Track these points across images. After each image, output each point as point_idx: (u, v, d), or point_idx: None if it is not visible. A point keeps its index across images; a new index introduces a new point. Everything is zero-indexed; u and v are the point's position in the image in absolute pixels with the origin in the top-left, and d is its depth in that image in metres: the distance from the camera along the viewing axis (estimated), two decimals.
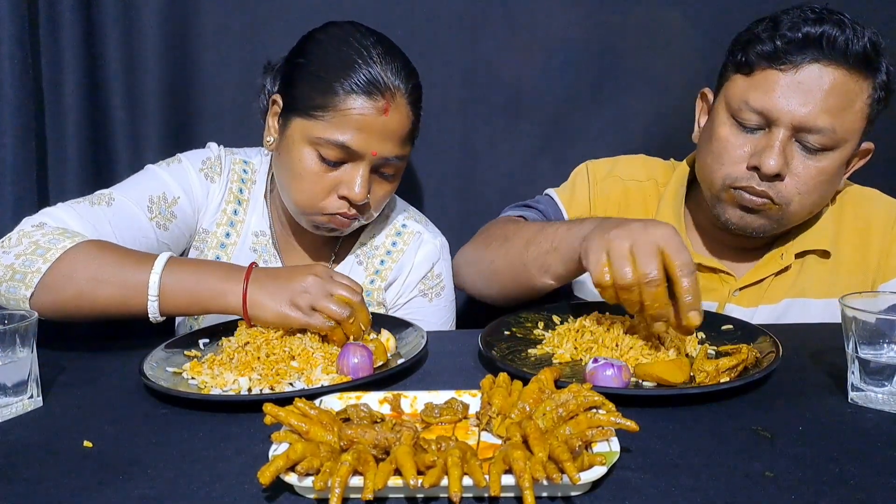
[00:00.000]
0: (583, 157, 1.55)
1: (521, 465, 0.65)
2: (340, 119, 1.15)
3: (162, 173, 1.28)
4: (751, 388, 0.91)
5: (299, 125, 1.18)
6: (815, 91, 1.13)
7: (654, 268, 0.93)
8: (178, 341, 1.10)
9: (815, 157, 1.17)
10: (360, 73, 1.15)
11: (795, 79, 1.14)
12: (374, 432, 0.71)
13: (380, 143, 1.17)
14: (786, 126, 1.15)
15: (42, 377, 0.93)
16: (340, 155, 1.17)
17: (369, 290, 1.34)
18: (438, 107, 1.59)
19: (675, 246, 0.94)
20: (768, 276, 1.28)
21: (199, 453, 0.78)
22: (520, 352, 1.05)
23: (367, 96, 1.15)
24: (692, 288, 0.94)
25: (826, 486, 0.68)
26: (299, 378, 0.96)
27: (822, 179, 1.18)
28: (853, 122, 1.16)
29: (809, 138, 1.15)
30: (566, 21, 1.59)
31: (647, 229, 0.96)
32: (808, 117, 1.13)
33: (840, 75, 1.13)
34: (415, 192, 1.63)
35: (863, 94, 1.15)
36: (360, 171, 1.18)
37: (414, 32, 1.55)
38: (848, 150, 1.18)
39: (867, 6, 1.53)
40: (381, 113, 1.15)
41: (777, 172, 1.15)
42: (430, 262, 1.35)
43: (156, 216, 1.24)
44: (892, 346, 0.85)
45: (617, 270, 0.95)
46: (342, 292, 1.02)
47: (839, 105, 1.14)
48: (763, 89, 1.16)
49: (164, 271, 1.04)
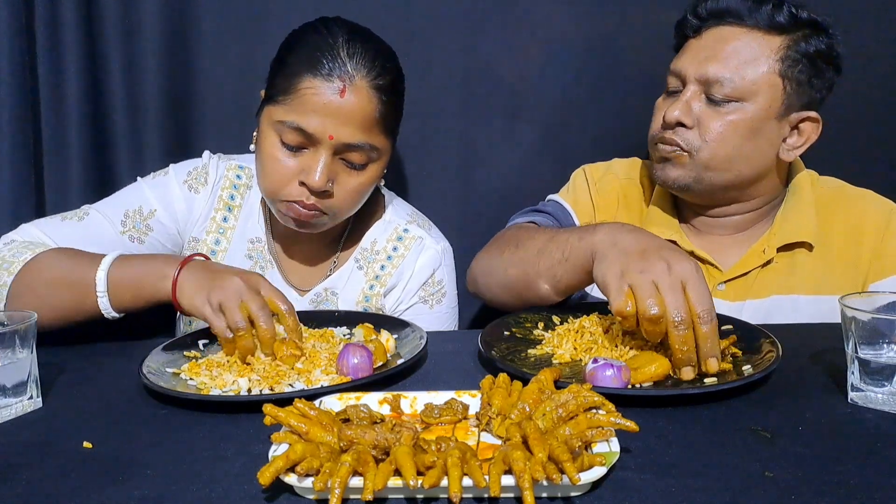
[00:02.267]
0: (582, 157, 1.55)
1: (520, 465, 0.64)
2: (298, 101, 1.15)
3: (144, 187, 1.31)
4: (751, 388, 0.91)
5: (267, 112, 1.20)
6: (717, 47, 1.25)
7: (685, 311, 0.91)
8: (178, 342, 1.10)
9: (721, 108, 1.24)
10: (320, 57, 1.15)
11: (701, 41, 1.28)
12: (374, 433, 0.71)
13: (336, 126, 1.15)
14: (692, 81, 1.26)
15: (42, 378, 0.93)
16: (299, 139, 1.17)
17: (368, 296, 1.33)
18: (438, 107, 1.59)
19: (698, 287, 0.92)
20: (753, 269, 1.31)
21: (199, 454, 0.78)
22: (520, 352, 1.05)
23: (323, 77, 1.15)
24: (712, 334, 0.91)
25: (826, 486, 0.68)
26: (299, 378, 0.96)
27: (731, 131, 1.24)
28: (758, 76, 1.23)
29: (713, 90, 1.24)
30: (566, 21, 1.59)
31: (672, 266, 0.93)
32: (708, 70, 1.24)
33: (742, 33, 1.24)
34: (415, 192, 1.63)
35: (769, 50, 1.23)
36: (321, 157, 1.17)
37: (414, 32, 1.55)
38: (761, 103, 1.23)
39: (867, 6, 1.54)
40: (337, 94, 1.14)
41: (678, 120, 1.26)
42: (430, 268, 1.34)
43: (129, 230, 1.26)
44: (892, 346, 0.85)
45: (642, 304, 0.92)
46: (256, 305, 0.99)
47: (740, 58, 1.23)
48: (679, 56, 1.31)
49: (112, 267, 1.07)
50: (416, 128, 1.59)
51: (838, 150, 1.52)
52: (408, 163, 1.63)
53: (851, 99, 1.54)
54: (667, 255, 0.95)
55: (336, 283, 1.34)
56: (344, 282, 1.34)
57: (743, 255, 1.32)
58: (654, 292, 0.92)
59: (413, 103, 1.52)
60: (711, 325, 0.91)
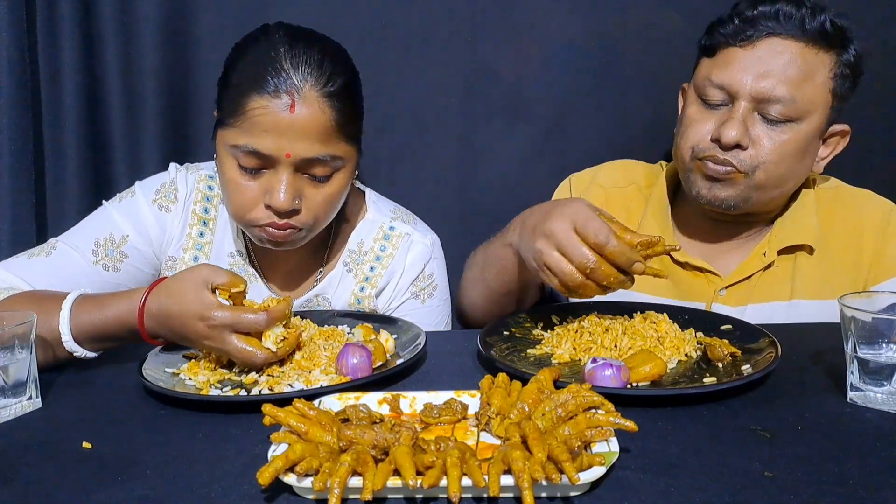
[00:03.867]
0: (582, 156, 1.55)
1: (520, 465, 0.64)
2: (248, 123, 1.09)
3: (112, 212, 1.25)
4: (750, 388, 0.91)
5: (221, 136, 1.14)
6: (773, 63, 1.17)
7: (586, 255, 0.97)
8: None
9: (777, 128, 1.19)
10: (264, 74, 1.09)
11: (754, 53, 1.18)
12: (373, 433, 0.71)
13: (291, 142, 1.09)
14: (746, 98, 1.18)
15: (42, 378, 0.93)
16: (256, 161, 1.10)
17: (360, 298, 1.31)
18: (438, 107, 1.59)
19: (585, 224, 0.98)
20: (754, 273, 1.29)
21: (199, 454, 0.78)
22: (519, 352, 1.05)
23: (270, 95, 1.08)
24: (618, 250, 0.97)
25: (825, 486, 0.68)
26: (298, 378, 0.96)
27: (786, 151, 1.19)
28: (815, 94, 1.18)
29: (770, 109, 1.18)
30: (566, 21, 1.59)
31: (551, 221, 1.00)
32: (765, 88, 1.17)
33: (798, 48, 1.17)
34: (415, 192, 1.63)
35: (824, 68, 1.18)
36: (282, 177, 1.10)
37: (414, 33, 1.55)
38: (814, 123, 1.20)
39: (867, 6, 1.54)
40: (286, 109, 1.08)
41: (737, 142, 1.18)
42: (421, 262, 1.32)
43: (102, 259, 1.21)
44: (891, 345, 0.85)
45: (561, 276, 0.99)
46: (228, 338, 0.95)
47: (798, 76, 1.17)
48: (724, 66, 1.21)
49: (72, 311, 1.01)
50: (417, 128, 1.60)
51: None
52: (408, 163, 1.63)
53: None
54: (544, 213, 1.03)
55: (326, 289, 1.31)
56: (334, 287, 1.31)
57: (743, 261, 1.30)
58: (561, 259, 0.99)
59: (413, 103, 1.53)
60: (612, 244, 0.97)
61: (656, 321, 1.06)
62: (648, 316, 1.08)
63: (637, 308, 1.13)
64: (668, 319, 1.07)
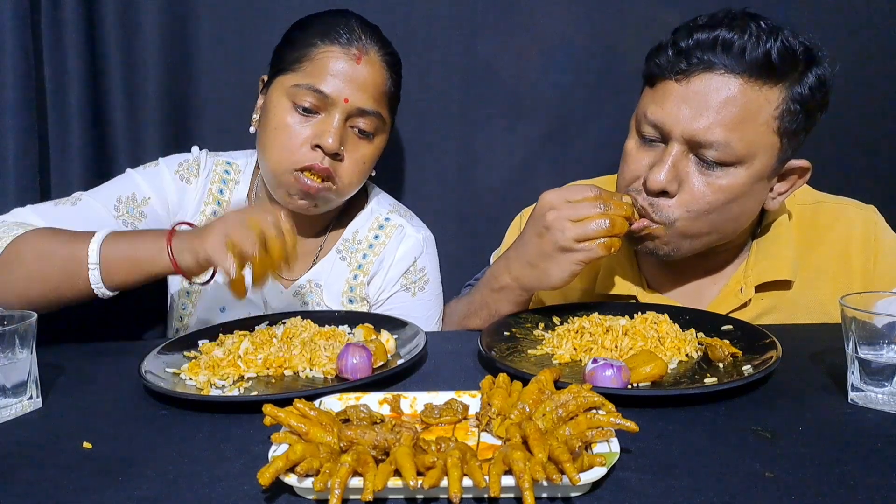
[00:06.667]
0: (582, 157, 1.55)
1: (520, 465, 0.64)
2: (315, 66, 1.21)
3: (136, 176, 1.31)
4: (751, 389, 0.91)
5: (279, 83, 1.24)
6: (708, 101, 1.05)
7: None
8: (177, 343, 1.10)
9: (713, 173, 1.08)
10: (337, 28, 1.22)
11: (689, 89, 1.06)
12: (374, 433, 0.71)
13: (352, 90, 1.21)
14: (678, 140, 1.08)
15: (42, 378, 0.93)
16: (315, 101, 1.21)
17: (353, 286, 1.34)
18: (438, 107, 1.59)
19: (558, 198, 1.07)
20: (731, 311, 1.19)
21: (199, 454, 0.78)
22: (519, 352, 1.05)
23: (341, 45, 1.21)
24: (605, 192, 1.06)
25: (826, 486, 0.68)
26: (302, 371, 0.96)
27: (720, 198, 1.08)
28: (757, 136, 1.06)
29: (705, 153, 1.07)
30: (566, 21, 1.59)
31: (539, 221, 1.08)
32: (699, 130, 1.05)
33: (737, 84, 1.05)
34: (415, 192, 1.63)
35: (768, 105, 1.06)
36: (334, 119, 1.21)
37: (414, 32, 1.55)
38: (758, 166, 1.08)
39: (867, 6, 1.54)
40: (353, 60, 1.21)
41: (662, 188, 1.08)
42: (412, 255, 1.35)
43: (123, 214, 1.27)
44: (892, 346, 0.85)
45: (595, 227, 1.04)
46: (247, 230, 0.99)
47: (735, 117, 1.05)
48: (660, 101, 1.09)
49: (104, 241, 1.05)
50: (416, 128, 1.60)
51: (836, 150, 1.52)
52: (408, 163, 1.63)
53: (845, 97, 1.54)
54: (535, 221, 1.10)
55: (319, 275, 1.34)
56: (327, 273, 1.35)
57: (717, 296, 1.22)
58: (585, 222, 1.05)
59: (413, 103, 1.53)
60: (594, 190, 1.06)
61: (657, 322, 1.06)
62: (649, 316, 1.08)
63: (637, 308, 1.13)
64: (669, 320, 1.07)
